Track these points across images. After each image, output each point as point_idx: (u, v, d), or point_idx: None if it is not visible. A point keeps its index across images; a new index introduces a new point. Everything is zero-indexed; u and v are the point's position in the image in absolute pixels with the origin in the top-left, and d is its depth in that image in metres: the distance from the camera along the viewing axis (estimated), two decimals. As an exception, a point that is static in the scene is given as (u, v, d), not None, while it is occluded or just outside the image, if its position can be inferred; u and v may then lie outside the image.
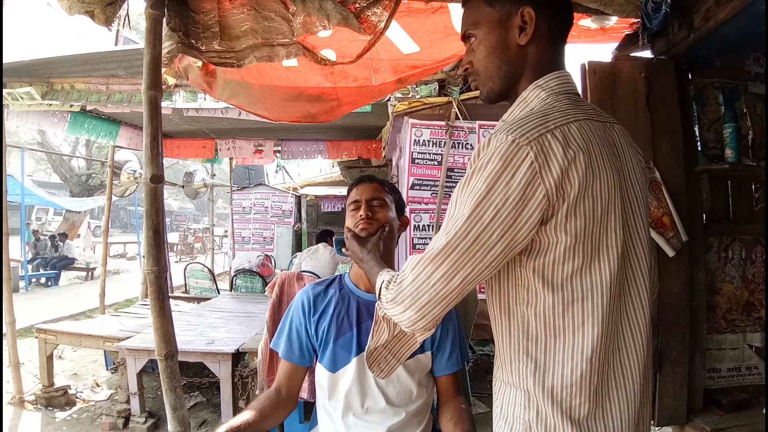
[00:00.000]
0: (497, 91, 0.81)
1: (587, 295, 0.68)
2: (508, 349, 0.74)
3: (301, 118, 2.40)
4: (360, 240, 1.07)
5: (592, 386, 0.68)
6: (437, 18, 1.77)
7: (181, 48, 1.54)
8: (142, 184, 1.56)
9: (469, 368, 3.16)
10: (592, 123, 0.70)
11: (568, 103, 0.72)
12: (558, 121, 0.67)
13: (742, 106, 1.77)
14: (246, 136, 5.42)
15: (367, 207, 1.17)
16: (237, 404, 2.74)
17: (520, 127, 0.66)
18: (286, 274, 2.25)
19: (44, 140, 14.49)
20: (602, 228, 0.68)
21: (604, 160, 0.68)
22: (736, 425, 1.62)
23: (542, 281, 0.69)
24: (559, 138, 0.65)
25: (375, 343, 0.85)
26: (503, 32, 0.77)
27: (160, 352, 1.47)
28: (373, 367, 0.87)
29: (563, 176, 0.64)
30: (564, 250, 0.67)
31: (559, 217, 0.65)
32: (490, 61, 0.79)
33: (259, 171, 14.13)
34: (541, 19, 0.75)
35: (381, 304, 0.78)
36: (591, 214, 0.67)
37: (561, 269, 0.68)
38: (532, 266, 0.69)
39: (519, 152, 0.64)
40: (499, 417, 0.77)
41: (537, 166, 0.63)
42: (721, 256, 1.79)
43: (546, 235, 0.67)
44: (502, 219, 0.64)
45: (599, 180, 0.67)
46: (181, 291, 5.69)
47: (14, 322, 3.28)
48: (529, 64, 0.77)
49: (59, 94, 3.40)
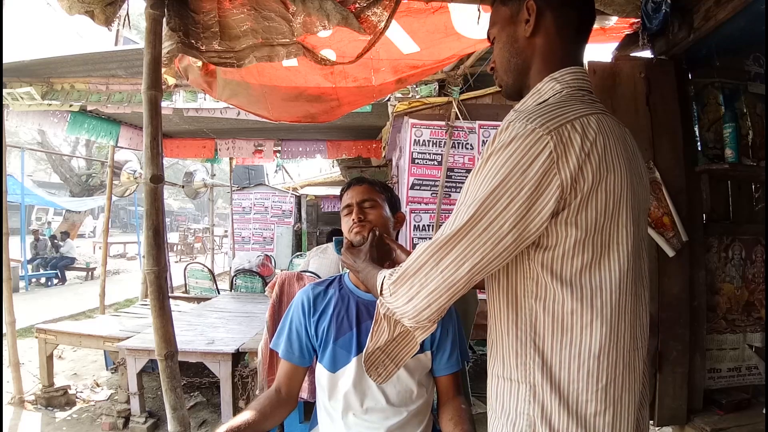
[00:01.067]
0: (511, 85, 0.83)
1: (596, 292, 0.67)
2: (514, 342, 0.73)
3: (301, 118, 2.40)
4: (353, 250, 1.06)
5: (599, 384, 0.68)
6: (437, 18, 1.77)
7: (181, 48, 1.54)
8: (142, 184, 1.56)
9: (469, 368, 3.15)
10: (608, 117, 0.71)
11: (584, 98, 0.73)
12: (578, 112, 0.67)
13: (742, 106, 1.77)
14: (246, 136, 5.43)
15: (358, 210, 1.18)
16: (237, 404, 2.74)
17: (541, 116, 0.65)
18: (286, 274, 2.25)
19: (44, 140, 14.48)
20: (613, 223, 0.67)
21: (618, 155, 0.68)
22: (736, 425, 1.62)
23: (551, 275, 0.68)
24: (579, 129, 0.65)
25: (374, 344, 0.84)
26: (513, 27, 0.80)
27: (160, 352, 1.47)
28: (371, 371, 0.86)
29: (579, 168, 0.63)
30: (574, 244, 0.66)
31: (570, 210, 0.65)
32: (503, 55, 0.82)
33: (259, 171, 14.13)
34: (545, 11, 0.76)
35: (383, 299, 0.76)
36: (603, 208, 0.66)
37: (570, 264, 0.67)
38: (541, 259, 0.69)
39: (539, 141, 0.63)
40: (500, 414, 0.76)
41: (555, 156, 0.63)
42: (721, 256, 1.79)
43: (555, 228, 0.66)
44: (516, 208, 0.63)
45: (613, 174, 0.66)
46: (181, 291, 5.69)
47: (14, 322, 3.28)
48: (538, 56, 0.78)
49: (59, 94, 3.40)
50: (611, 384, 0.69)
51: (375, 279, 0.83)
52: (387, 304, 0.76)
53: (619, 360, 0.70)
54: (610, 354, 0.69)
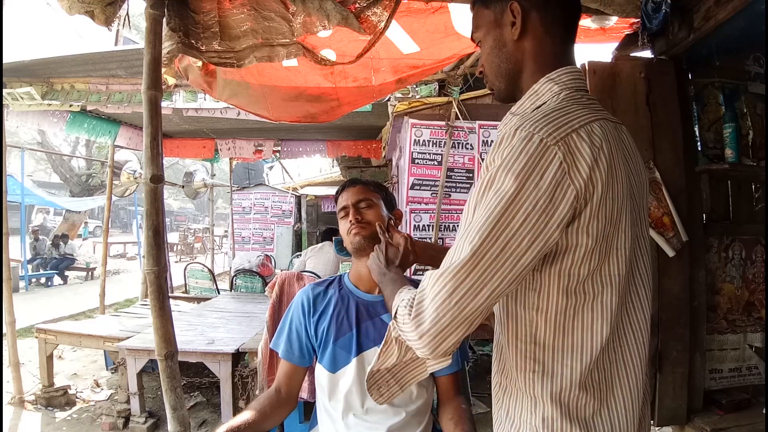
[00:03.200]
0: (504, 90, 0.81)
1: (597, 296, 0.67)
2: (515, 354, 0.73)
3: (301, 118, 2.40)
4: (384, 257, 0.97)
5: (595, 383, 0.68)
6: (437, 18, 1.77)
7: (182, 48, 1.54)
8: (142, 184, 1.56)
9: (469, 368, 3.16)
10: (608, 123, 0.70)
11: (583, 101, 0.71)
12: (582, 119, 0.65)
13: (742, 106, 1.77)
14: (246, 136, 5.42)
15: (355, 211, 1.18)
16: (237, 404, 2.74)
17: (546, 125, 0.63)
18: (286, 274, 2.25)
19: (44, 140, 14.48)
20: (615, 229, 0.67)
21: (619, 161, 0.67)
22: (736, 425, 1.62)
23: (558, 285, 0.67)
24: (585, 137, 0.63)
25: (380, 365, 0.80)
26: (498, 31, 0.78)
27: (160, 352, 1.47)
28: (372, 390, 0.83)
29: (590, 177, 0.62)
30: (585, 253, 0.65)
31: (582, 219, 0.63)
32: (491, 61, 0.80)
33: (259, 171, 14.13)
34: (531, 11, 0.74)
35: (396, 324, 0.71)
36: (609, 215, 0.65)
37: (578, 272, 0.66)
38: (552, 270, 0.67)
39: (547, 152, 0.61)
40: (504, 420, 0.76)
41: (566, 166, 0.61)
42: (721, 256, 1.79)
43: (567, 238, 0.64)
44: (533, 223, 0.60)
45: (617, 181, 0.65)
46: (181, 291, 5.69)
47: (14, 322, 3.28)
48: (529, 59, 0.76)
49: (59, 94, 3.40)
50: (608, 382, 0.70)
51: (393, 297, 0.78)
52: (399, 331, 0.71)
53: (620, 360, 0.71)
54: (611, 354, 0.69)
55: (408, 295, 0.72)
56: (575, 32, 0.79)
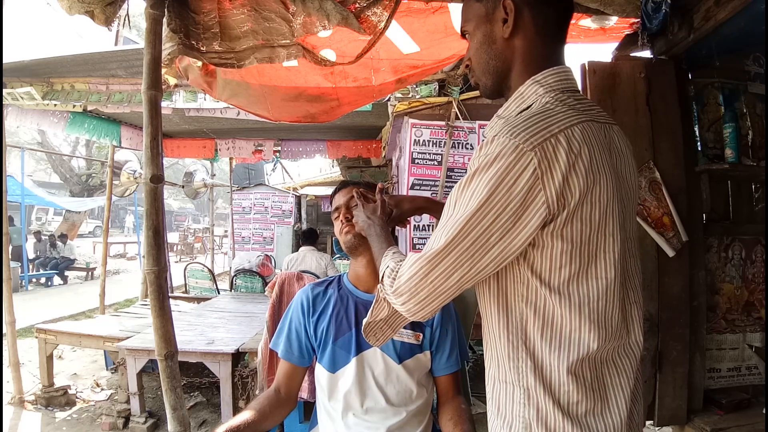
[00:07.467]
0: (490, 87, 0.81)
1: (584, 300, 0.68)
2: (506, 346, 0.73)
3: (301, 118, 2.40)
4: (369, 210, 1.03)
5: (587, 383, 0.69)
6: (437, 18, 1.77)
7: (182, 49, 1.54)
8: (142, 184, 1.56)
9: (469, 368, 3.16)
10: (593, 125, 0.69)
11: (569, 101, 0.71)
12: (562, 123, 0.66)
13: (742, 106, 1.77)
14: (246, 136, 5.42)
15: (346, 211, 1.21)
16: (237, 404, 2.74)
17: (525, 130, 0.64)
18: (286, 274, 2.26)
19: (44, 140, 14.49)
20: (600, 233, 0.68)
21: (603, 164, 0.68)
22: (736, 425, 1.62)
23: (540, 281, 0.69)
24: (563, 143, 0.64)
25: (373, 318, 0.85)
26: (489, 26, 0.77)
27: (160, 352, 1.47)
28: (369, 336, 0.89)
29: (565, 182, 0.63)
30: (560, 254, 0.67)
31: (557, 223, 0.65)
32: (480, 56, 0.80)
33: (259, 171, 14.12)
34: (523, 9, 0.74)
35: (383, 289, 0.78)
36: (589, 219, 0.66)
37: (558, 274, 0.68)
38: (530, 266, 0.69)
39: (523, 158, 0.63)
40: (496, 416, 0.76)
41: (540, 172, 0.63)
42: (721, 256, 1.79)
43: (543, 239, 0.67)
44: (502, 223, 0.65)
45: (599, 185, 0.66)
46: (181, 291, 5.69)
47: (14, 322, 3.28)
48: (518, 58, 0.76)
49: (59, 94, 3.40)
50: (600, 382, 0.70)
51: (380, 257, 0.87)
52: (385, 294, 0.78)
53: (609, 360, 0.71)
54: (600, 355, 0.70)
55: (393, 264, 0.79)
56: (566, 32, 0.79)
